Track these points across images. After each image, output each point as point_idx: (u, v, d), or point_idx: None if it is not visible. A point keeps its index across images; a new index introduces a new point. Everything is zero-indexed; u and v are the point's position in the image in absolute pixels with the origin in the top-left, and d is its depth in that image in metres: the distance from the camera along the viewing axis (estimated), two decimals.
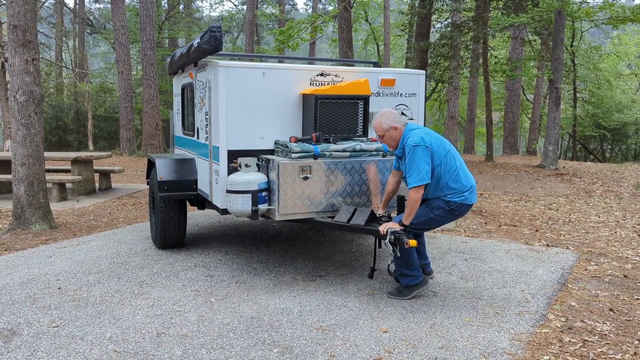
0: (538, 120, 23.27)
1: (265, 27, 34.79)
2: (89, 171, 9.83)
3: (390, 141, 4.10)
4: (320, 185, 4.29)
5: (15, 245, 5.85)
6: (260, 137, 4.70)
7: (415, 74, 5.35)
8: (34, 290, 4.26)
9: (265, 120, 4.71)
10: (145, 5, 17.82)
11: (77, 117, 26.18)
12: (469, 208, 4.06)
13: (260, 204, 4.26)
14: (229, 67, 4.58)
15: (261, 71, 4.69)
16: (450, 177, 3.93)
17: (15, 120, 6.46)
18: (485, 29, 15.41)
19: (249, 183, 4.23)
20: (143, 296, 4.14)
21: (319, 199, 4.31)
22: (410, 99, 5.27)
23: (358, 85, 4.83)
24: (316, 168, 4.26)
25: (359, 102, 4.81)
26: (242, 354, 3.17)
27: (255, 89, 4.65)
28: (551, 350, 3.28)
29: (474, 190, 4.05)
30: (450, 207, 3.94)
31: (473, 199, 4.03)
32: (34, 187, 6.53)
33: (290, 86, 4.77)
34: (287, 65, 4.97)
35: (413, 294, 4.11)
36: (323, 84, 4.87)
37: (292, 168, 4.20)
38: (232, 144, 4.61)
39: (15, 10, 6.29)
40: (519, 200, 9.12)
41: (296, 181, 4.21)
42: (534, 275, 4.80)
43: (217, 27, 4.54)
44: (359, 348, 3.27)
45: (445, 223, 4.10)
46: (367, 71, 5.20)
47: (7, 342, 3.30)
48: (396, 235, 3.79)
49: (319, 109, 4.64)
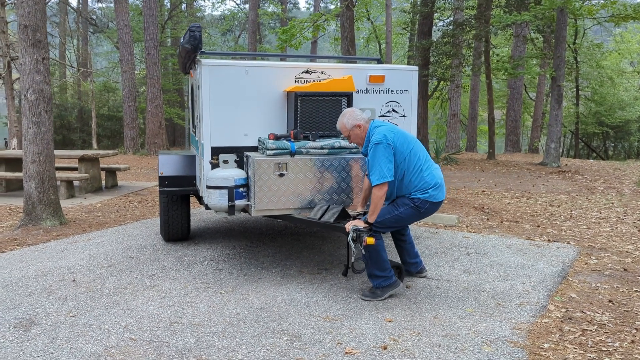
0: (540, 118, 23.35)
1: (267, 26, 34.89)
2: (95, 169, 9.96)
3: (358, 140, 4.10)
4: (296, 182, 4.30)
5: (27, 241, 5.98)
6: (244, 134, 4.79)
7: (407, 70, 5.23)
8: (49, 282, 4.39)
9: (249, 117, 4.79)
10: (149, 4, 17.94)
11: (80, 116, 26.36)
12: (436, 206, 4.03)
13: (237, 200, 4.29)
14: (211, 66, 4.70)
15: (244, 69, 4.76)
16: (414, 175, 3.94)
17: (26, 118, 6.59)
18: (487, 27, 15.50)
19: (225, 179, 4.28)
20: (155, 288, 4.27)
21: (296, 196, 4.32)
22: (402, 95, 5.18)
23: (341, 82, 4.86)
24: (292, 165, 4.28)
25: (341, 99, 4.85)
26: (253, 342, 3.30)
27: (239, 87, 4.74)
28: (551, 339, 3.39)
29: (440, 187, 4.02)
30: (415, 204, 3.94)
31: (439, 196, 4.00)
32: (44, 184, 6.66)
33: (275, 84, 4.84)
34: (271, 63, 5.03)
35: (387, 295, 4.02)
36: (308, 81, 4.91)
37: (267, 165, 4.23)
38: (215, 140, 4.72)
39: (26, 10, 6.42)
40: (521, 197, 9.22)
41: (271, 178, 4.25)
42: (535, 268, 4.91)
43: (196, 27, 4.70)
44: (365, 336, 3.39)
45: (413, 221, 4.11)
46: (355, 68, 5.13)
47: (27, 330, 3.43)
48: (358, 233, 3.81)
49: (299, 106, 4.71)
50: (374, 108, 5.09)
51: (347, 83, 4.86)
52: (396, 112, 5.18)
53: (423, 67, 17.11)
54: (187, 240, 5.86)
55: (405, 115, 5.22)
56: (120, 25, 18.83)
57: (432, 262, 5.09)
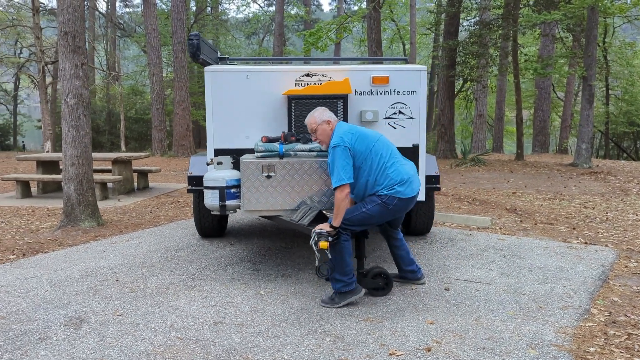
0: (569, 118, 22.97)
1: (291, 28, 35.07)
2: (128, 171, 10.16)
3: (323, 137, 4.05)
4: (284, 184, 4.32)
5: (67, 241, 6.14)
6: (246, 136, 4.97)
7: (414, 70, 5.06)
8: (94, 282, 4.51)
9: (251, 120, 4.96)
10: (177, 8, 18.22)
11: (109, 119, 26.87)
12: (405, 202, 3.94)
13: (229, 200, 4.41)
14: (214, 72, 4.99)
15: (245, 74, 4.95)
16: (378, 173, 3.90)
17: (65, 122, 6.76)
18: (515, 26, 15.32)
19: (217, 180, 4.42)
20: (196, 288, 4.35)
21: (284, 198, 4.35)
22: (410, 97, 5.03)
23: (337, 85, 4.87)
24: (279, 167, 4.31)
25: (337, 102, 4.87)
26: (297, 342, 3.34)
27: (240, 91, 4.94)
28: (597, 343, 3.36)
29: (407, 182, 3.93)
30: (382, 200, 3.88)
31: (407, 192, 3.92)
32: (83, 185, 6.83)
33: (275, 87, 4.95)
34: (272, 68, 5.11)
35: (345, 302, 3.93)
36: (309, 84, 4.95)
37: (254, 166, 4.29)
38: (218, 142, 5.00)
39: (66, 18, 6.60)
40: (554, 199, 9.10)
41: (259, 179, 4.30)
42: (574, 271, 4.85)
43: (194, 35, 4.90)
44: (407, 338, 3.40)
45: (383, 219, 4.00)
46: (358, 69, 5.07)
47: (77, 329, 3.53)
48: (319, 237, 3.79)
49: (293, 109, 4.83)
50: (376, 110, 5.02)
51: (343, 85, 4.86)
52: (403, 113, 5.05)
53: (449, 68, 17.01)
54: (221, 237, 6.07)
55: (413, 117, 5.06)
56: (148, 30, 19.16)
57: (468, 264, 5.07)
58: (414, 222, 6.00)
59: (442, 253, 5.48)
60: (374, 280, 4.18)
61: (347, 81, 4.90)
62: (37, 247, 5.87)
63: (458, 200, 8.89)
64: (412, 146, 5.06)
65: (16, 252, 5.62)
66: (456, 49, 16.81)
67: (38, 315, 3.76)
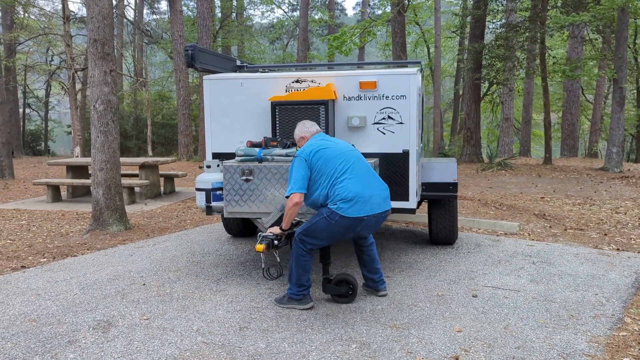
0: (599, 121, 22.47)
1: (314, 33, 35.13)
2: (155, 175, 10.30)
3: None
4: (261, 187, 4.42)
5: (95, 245, 6.24)
6: (240, 141, 5.12)
7: (403, 74, 4.92)
8: (121, 285, 4.57)
9: (245, 125, 5.17)
10: (203, 15, 18.45)
11: (136, 124, 27.29)
12: (349, 221, 3.81)
13: (215, 202, 4.61)
14: (211, 80, 5.23)
15: (239, 82, 5.16)
16: (329, 187, 3.88)
17: (94, 127, 6.89)
18: (542, 28, 15.07)
19: (204, 182, 4.63)
20: (221, 293, 4.37)
21: (261, 201, 4.44)
22: (399, 101, 4.88)
23: (320, 91, 4.90)
24: (257, 171, 4.42)
25: (319, 107, 4.89)
26: (322, 348, 3.32)
27: (235, 98, 5.16)
28: (631, 353, 3.25)
29: (355, 201, 3.81)
30: (325, 214, 3.85)
31: (351, 211, 3.79)
32: (111, 190, 6.94)
33: (267, 94, 5.09)
34: (264, 75, 5.29)
35: (288, 306, 4.01)
36: (298, 90, 5.02)
37: (234, 170, 4.44)
38: (215, 147, 5.27)
39: (95, 25, 6.73)
40: (584, 204, 8.89)
41: (238, 182, 4.44)
42: (606, 279, 4.72)
43: (189, 46, 5.10)
44: (434, 346, 3.35)
45: (333, 237, 3.92)
46: (346, 75, 5.03)
47: (106, 332, 3.57)
48: (261, 240, 3.95)
49: (277, 115, 4.96)
50: (364, 115, 4.98)
51: (326, 91, 4.88)
52: (392, 119, 4.93)
53: (475, 71, 16.82)
54: (247, 236, 6.36)
55: (403, 122, 4.90)
56: (175, 36, 19.43)
57: (496, 270, 4.98)
58: (435, 231, 5.86)
59: (469, 259, 5.40)
60: (337, 287, 4.16)
61: (330, 87, 4.93)
62: (66, 250, 5.98)
63: (484, 205, 8.75)
64: (402, 152, 4.96)
65: (47, 256, 5.74)
66: (482, 52, 16.61)
67: (67, 318, 3.82)
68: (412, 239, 6.35)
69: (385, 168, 4.99)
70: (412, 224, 7.39)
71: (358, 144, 4.93)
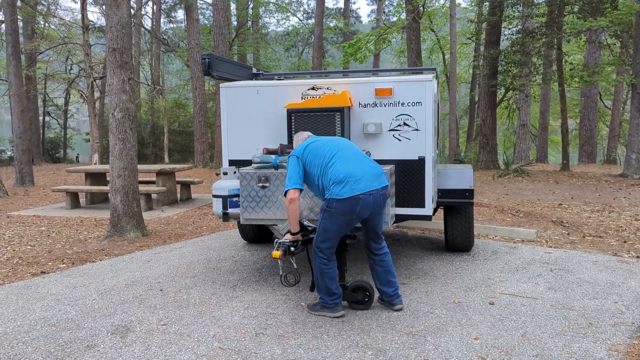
0: (618, 127, 22.16)
1: (329, 40, 35.24)
2: (172, 182, 10.41)
3: None
4: (278, 194, 4.44)
5: (113, 251, 6.32)
6: (257, 148, 5.17)
7: (418, 80, 4.91)
8: (139, 291, 4.62)
9: (261, 133, 5.20)
10: (219, 24, 18.65)
11: (153, 132, 27.59)
12: (345, 203, 3.75)
13: (231, 208, 4.65)
14: (227, 88, 5.28)
15: (255, 89, 5.20)
16: (322, 176, 3.91)
17: (112, 135, 7.00)
18: (559, 34, 14.95)
19: (221, 189, 4.67)
20: (238, 299, 4.39)
21: (278, 208, 4.45)
22: (415, 108, 4.87)
23: (335, 98, 4.91)
24: (273, 178, 4.43)
25: (335, 114, 4.89)
26: (338, 355, 3.32)
27: (251, 106, 5.20)
28: None
29: (344, 182, 3.77)
30: (325, 206, 3.84)
31: (344, 192, 3.75)
32: (129, 197, 7.03)
33: (283, 101, 5.11)
34: (280, 82, 5.31)
35: (319, 314, 4.00)
36: (314, 97, 5.05)
37: (250, 177, 4.46)
38: (232, 154, 5.32)
39: (114, 34, 6.85)
40: (602, 211, 8.77)
41: (255, 189, 4.46)
42: (626, 287, 4.65)
43: (205, 54, 5.15)
44: (451, 353, 3.33)
45: (339, 227, 3.85)
46: (361, 82, 5.04)
47: (124, 337, 3.62)
48: (277, 247, 3.94)
49: (293, 122, 4.98)
50: (380, 122, 4.97)
51: (342, 98, 4.89)
52: (408, 125, 4.92)
53: (491, 77, 16.73)
54: (263, 242, 6.40)
55: (419, 128, 4.89)
56: (191, 45, 19.66)
57: (513, 278, 4.93)
58: (451, 238, 5.81)
59: (485, 266, 5.36)
60: (353, 294, 4.14)
61: (345, 94, 4.93)
62: (85, 256, 6.07)
63: (501, 212, 8.68)
64: (418, 159, 4.96)
65: (66, 262, 5.83)
66: (498, 58, 16.52)
67: (86, 324, 3.87)
68: (428, 246, 6.33)
69: (401, 175, 4.99)
70: (428, 230, 7.36)
71: (374, 151, 4.94)
